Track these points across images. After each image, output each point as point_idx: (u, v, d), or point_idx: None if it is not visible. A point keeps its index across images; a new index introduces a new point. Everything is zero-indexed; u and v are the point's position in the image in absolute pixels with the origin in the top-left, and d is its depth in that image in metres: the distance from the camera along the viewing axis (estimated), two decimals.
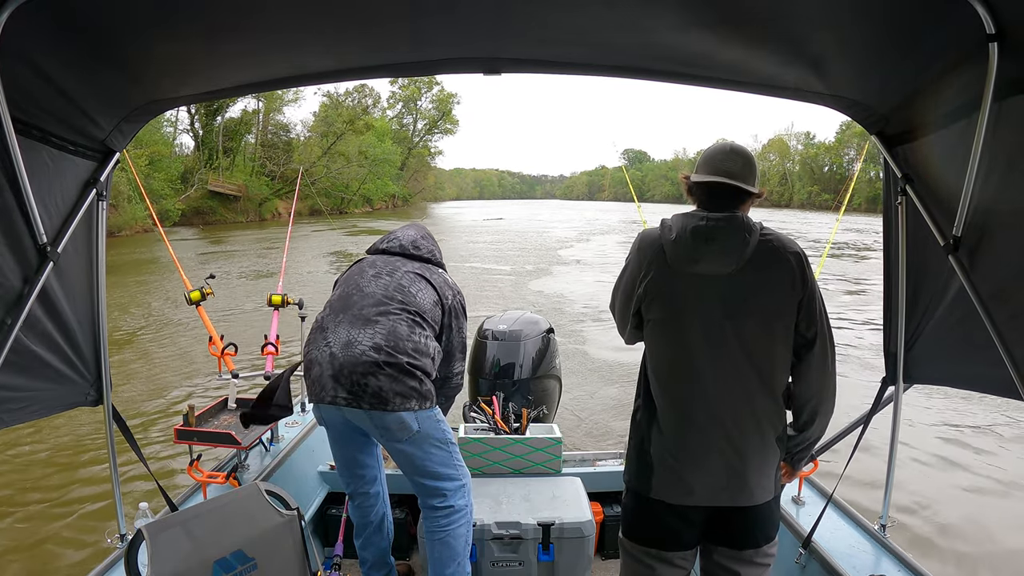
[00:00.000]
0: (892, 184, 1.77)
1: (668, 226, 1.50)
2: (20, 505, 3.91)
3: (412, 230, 2.23)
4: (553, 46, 1.61)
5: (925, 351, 1.81)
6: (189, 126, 37.26)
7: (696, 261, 1.44)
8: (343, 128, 43.78)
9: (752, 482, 1.48)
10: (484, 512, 2.26)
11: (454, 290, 2.12)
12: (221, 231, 25.89)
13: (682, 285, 1.47)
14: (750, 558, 1.53)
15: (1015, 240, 1.31)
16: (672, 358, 1.51)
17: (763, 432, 1.47)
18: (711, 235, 1.44)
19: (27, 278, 1.46)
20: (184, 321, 8.95)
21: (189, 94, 1.78)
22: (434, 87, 56.52)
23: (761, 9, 1.32)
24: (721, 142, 1.53)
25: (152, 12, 1.30)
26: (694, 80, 1.72)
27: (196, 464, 2.23)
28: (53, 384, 1.64)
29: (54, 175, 1.53)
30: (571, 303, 10.79)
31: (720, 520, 1.52)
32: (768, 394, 1.47)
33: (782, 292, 1.45)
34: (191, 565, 1.54)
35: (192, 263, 15.96)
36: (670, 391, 1.51)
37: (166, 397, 5.94)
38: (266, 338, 2.91)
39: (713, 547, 1.55)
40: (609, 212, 50.08)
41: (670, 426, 1.50)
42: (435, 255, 2.19)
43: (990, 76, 1.20)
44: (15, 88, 1.27)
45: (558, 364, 3.28)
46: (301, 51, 1.61)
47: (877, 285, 11.59)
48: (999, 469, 4.46)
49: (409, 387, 1.85)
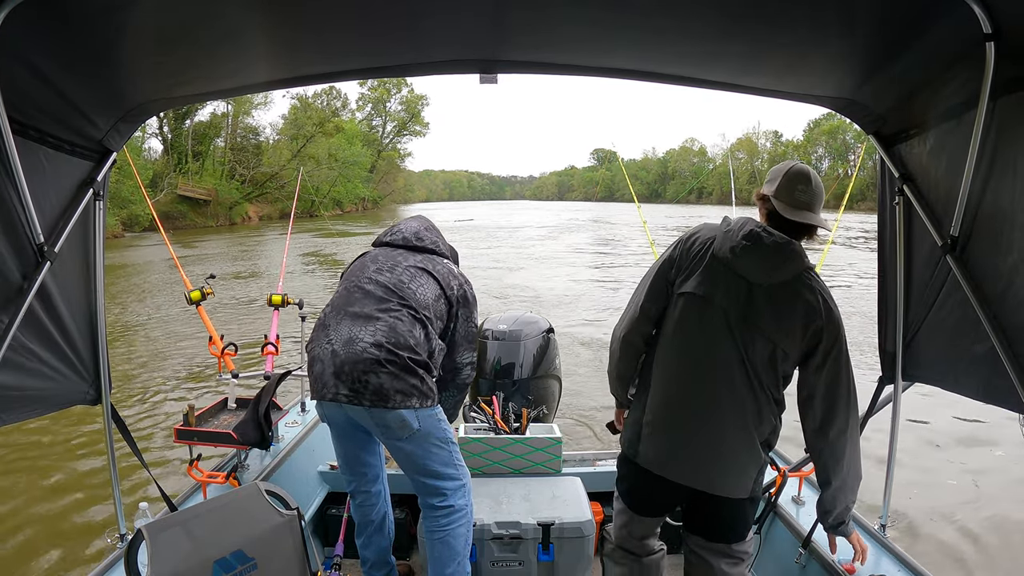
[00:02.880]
0: (889, 184, 1.77)
1: (728, 220, 1.58)
2: (20, 505, 3.91)
3: (415, 222, 2.20)
4: (549, 48, 1.61)
5: (920, 350, 1.81)
6: (158, 130, 37.25)
7: (736, 256, 1.51)
8: (313, 131, 43.56)
9: (730, 476, 1.57)
10: (484, 512, 2.26)
11: (460, 279, 2.08)
12: (191, 235, 25.80)
13: (719, 271, 1.54)
14: (721, 551, 1.65)
15: (1012, 239, 1.31)
16: (683, 339, 1.59)
17: (749, 432, 1.54)
18: (760, 242, 1.50)
19: (24, 277, 1.47)
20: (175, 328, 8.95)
21: (186, 94, 1.78)
22: (403, 89, 56.04)
23: (758, 11, 1.32)
24: (798, 166, 1.55)
25: (149, 12, 1.30)
26: (692, 82, 1.72)
27: (196, 464, 2.23)
28: (51, 383, 1.65)
29: (51, 175, 1.53)
30: (567, 300, 10.80)
31: (697, 506, 1.65)
32: (764, 401, 1.54)
33: (796, 328, 1.51)
34: (191, 565, 1.54)
35: (164, 267, 15.84)
36: (672, 371, 1.61)
37: (166, 397, 5.95)
38: (266, 338, 2.92)
39: (688, 534, 1.72)
40: (581, 211, 50.51)
41: (667, 402, 1.61)
42: (439, 246, 2.15)
43: (987, 75, 1.20)
44: (12, 88, 1.27)
45: (558, 364, 3.28)
46: (297, 52, 1.61)
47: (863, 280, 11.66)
48: (999, 468, 4.46)
49: (410, 384, 1.85)
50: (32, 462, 4.52)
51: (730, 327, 1.51)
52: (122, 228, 26.17)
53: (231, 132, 41.85)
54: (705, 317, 1.54)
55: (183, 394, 6.02)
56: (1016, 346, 1.33)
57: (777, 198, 1.52)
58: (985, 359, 1.44)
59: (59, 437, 4.85)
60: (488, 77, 1.70)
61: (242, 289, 12.30)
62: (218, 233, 29.70)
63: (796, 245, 1.51)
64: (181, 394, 6.02)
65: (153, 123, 36.19)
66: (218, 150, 40.77)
